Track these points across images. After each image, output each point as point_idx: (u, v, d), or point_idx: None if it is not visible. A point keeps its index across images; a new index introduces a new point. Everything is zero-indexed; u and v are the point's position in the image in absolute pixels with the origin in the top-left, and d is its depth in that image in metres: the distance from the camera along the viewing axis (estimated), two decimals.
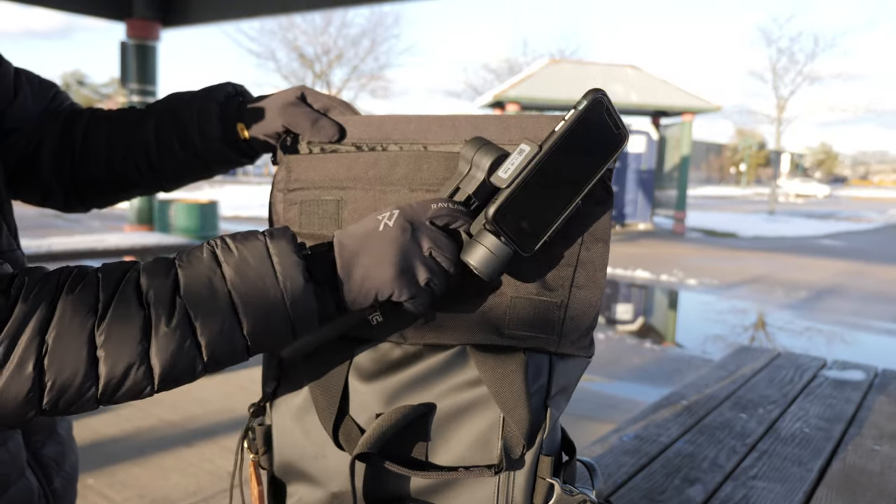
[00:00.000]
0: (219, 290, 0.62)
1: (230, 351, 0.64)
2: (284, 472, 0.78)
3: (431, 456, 0.72)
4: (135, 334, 0.61)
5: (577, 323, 0.71)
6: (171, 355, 0.62)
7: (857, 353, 6.49)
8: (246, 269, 0.63)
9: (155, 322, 0.61)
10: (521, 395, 0.68)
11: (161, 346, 0.61)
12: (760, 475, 1.44)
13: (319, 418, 0.73)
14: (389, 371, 0.72)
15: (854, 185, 75.79)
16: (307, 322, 0.64)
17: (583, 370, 0.76)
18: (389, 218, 0.66)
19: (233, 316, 0.62)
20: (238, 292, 0.62)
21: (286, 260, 0.63)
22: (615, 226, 17.80)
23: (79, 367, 0.60)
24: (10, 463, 0.83)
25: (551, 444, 0.75)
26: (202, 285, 0.62)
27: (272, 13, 7.36)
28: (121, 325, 0.61)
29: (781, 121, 33.19)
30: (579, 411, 4.30)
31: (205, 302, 0.62)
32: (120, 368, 0.61)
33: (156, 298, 0.61)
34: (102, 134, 0.93)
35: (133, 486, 3.12)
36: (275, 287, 0.63)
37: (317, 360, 0.73)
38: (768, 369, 2.20)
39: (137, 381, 0.61)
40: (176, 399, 4.26)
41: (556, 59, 19.04)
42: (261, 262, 0.63)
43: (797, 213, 27.34)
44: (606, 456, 1.50)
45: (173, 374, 0.63)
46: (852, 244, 16.21)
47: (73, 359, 0.60)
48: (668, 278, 10.40)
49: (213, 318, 0.62)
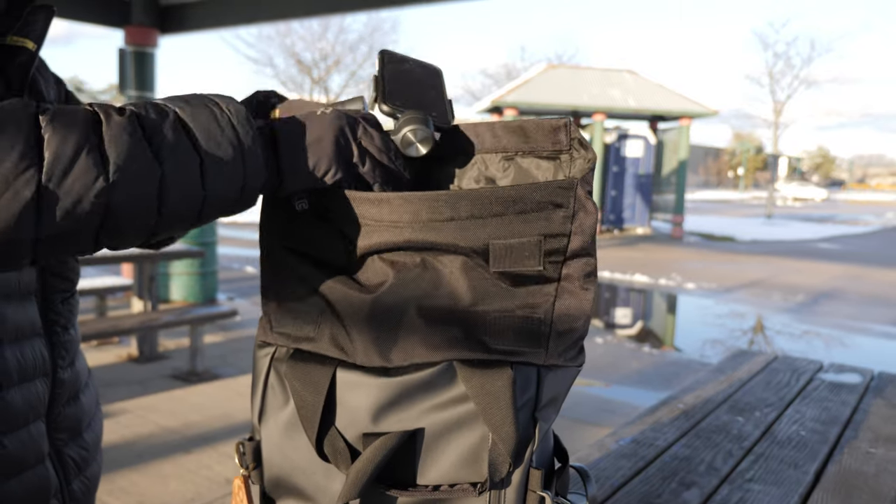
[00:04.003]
0: (166, 112, 0.62)
1: (185, 164, 0.61)
2: (274, 488, 0.77)
3: (420, 473, 0.70)
4: (83, 122, 0.58)
5: (563, 335, 0.70)
6: (125, 144, 0.58)
7: (855, 357, 6.50)
8: (189, 100, 0.65)
9: (105, 116, 0.59)
10: (508, 414, 0.66)
11: (114, 133, 0.58)
12: (757, 478, 1.44)
13: (305, 431, 0.71)
14: (376, 386, 0.70)
15: (851, 189, 75.81)
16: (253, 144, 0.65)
17: (573, 380, 0.75)
18: (326, 109, 0.72)
19: (183, 129, 0.62)
20: (184, 112, 0.63)
21: (224, 98, 0.67)
22: (613, 230, 17.82)
23: (17, 140, 0.54)
24: (30, 446, 0.86)
25: (543, 455, 0.74)
26: (150, 108, 0.62)
27: (270, 19, 7.37)
28: (67, 112, 0.58)
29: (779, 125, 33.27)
30: (577, 415, 4.31)
31: (154, 116, 0.61)
32: (69, 147, 0.56)
33: (101, 105, 0.60)
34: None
35: (132, 493, 3.12)
36: (218, 109, 0.65)
37: (302, 373, 0.72)
38: (765, 373, 2.21)
39: (88, 165, 0.56)
40: (174, 406, 4.26)
41: (553, 64, 19.07)
42: (201, 100, 0.65)
43: (795, 217, 27.37)
44: (603, 460, 1.51)
45: (128, 171, 0.57)
46: (850, 247, 16.23)
47: (13, 128, 0.54)
48: (666, 282, 10.41)
49: (163, 128, 0.61)
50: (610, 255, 13.40)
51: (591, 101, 16.56)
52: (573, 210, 0.68)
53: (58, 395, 0.92)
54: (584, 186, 0.70)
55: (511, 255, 0.67)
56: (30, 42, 0.87)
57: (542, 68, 18.34)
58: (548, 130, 0.74)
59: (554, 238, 0.68)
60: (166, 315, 4.84)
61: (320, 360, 0.72)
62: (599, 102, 16.55)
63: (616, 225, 17.87)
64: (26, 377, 0.86)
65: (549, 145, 0.74)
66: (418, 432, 0.70)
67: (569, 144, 0.73)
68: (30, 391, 0.87)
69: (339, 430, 0.71)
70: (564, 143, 0.73)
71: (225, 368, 5.10)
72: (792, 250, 15.10)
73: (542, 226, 0.68)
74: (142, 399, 4.38)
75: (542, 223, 0.68)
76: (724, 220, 24.53)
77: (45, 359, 0.90)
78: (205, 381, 4.78)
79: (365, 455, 0.68)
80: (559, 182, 0.68)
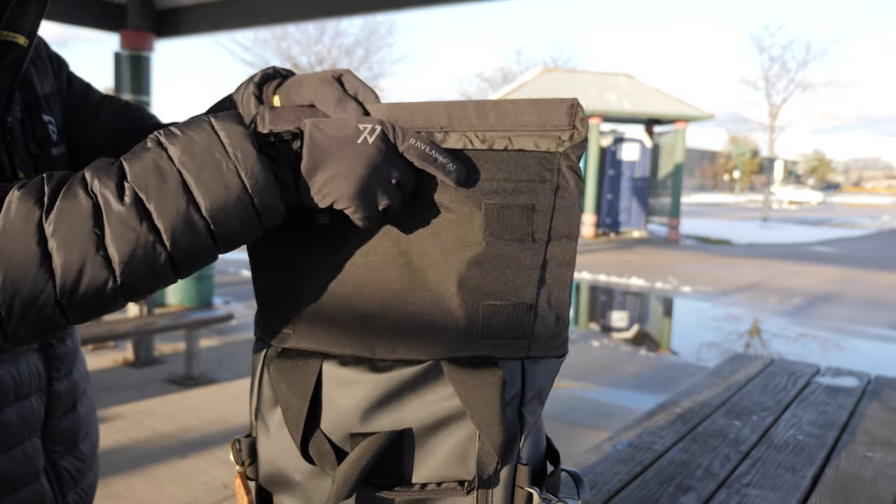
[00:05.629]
0: (167, 171, 0.59)
1: (191, 234, 0.60)
2: (270, 483, 0.77)
3: (409, 471, 0.70)
4: (86, 219, 0.57)
5: (546, 323, 0.70)
6: (128, 239, 0.58)
7: (851, 360, 6.51)
8: (192, 146, 0.60)
9: (105, 206, 0.58)
10: (496, 413, 0.66)
11: (115, 229, 0.58)
12: (754, 483, 1.44)
13: (290, 434, 0.71)
14: (363, 384, 0.69)
15: (847, 192, 76.04)
16: (268, 198, 0.61)
17: (556, 372, 0.74)
18: (371, 133, 0.63)
19: (186, 195, 0.59)
20: (187, 169, 0.59)
21: (233, 132, 0.61)
22: (609, 234, 17.83)
23: (29, 261, 0.57)
24: (25, 464, 0.84)
25: (533, 453, 0.74)
26: (149, 168, 0.59)
27: (266, 23, 7.38)
28: (69, 211, 0.58)
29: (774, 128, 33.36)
30: (573, 419, 4.30)
31: (154, 184, 0.59)
32: (75, 258, 0.57)
33: (102, 185, 0.59)
34: None
35: (128, 498, 3.11)
36: (225, 158, 0.60)
37: (288, 374, 0.71)
38: (762, 376, 2.21)
39: (96, 271, 0.58)
40: (170, 410, 4.25)
41: (549, 68, 19.12)
42: (207, 138, 0.60)
43: (791, 220, 27.43)
44: (600, 464, 1.51)
45: (134, 262, 0.59)
46: (846, 251, 16.27)
47: (22, 249, 0.56)
48: (662, 285, 10.42)
49: (166, 198, 0.59)
50: (606, 258, 13.41)
51: (587, 105, 16.57)
52: (556, 184, 0.68)
53: (53, 409, 0.90)
54: (567, 161, 0.68)
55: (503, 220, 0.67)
56: (21, 37, 0.82)
57: (538, 72, 18.38)
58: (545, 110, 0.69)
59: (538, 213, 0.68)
60: (162, 319, 4.83)
61: (305, 358, 0.71)
62: (595, 106, 16.58)
63: (612, 228, 17.89)
64: (21, 394, 0.84)
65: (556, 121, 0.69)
66: (405, 431, 0.69)
67: (571, 123, 0.70)
68: (24, 408, 0.84)
69: (324, 431, 0.71)
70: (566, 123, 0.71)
71: (221, 372, 5.09)
72: (788, 253, 15.13)
73: (528, 197, 0.68)
74: (138, 403, 4.37)
75: (528, 194, 0.68)
76: (720, 223, 24.58)
77: (40, 373, 0.87)
78: (201, 386, 4.77)
79: (351, 457, 0.68)
80: (542, 154, 0.68)
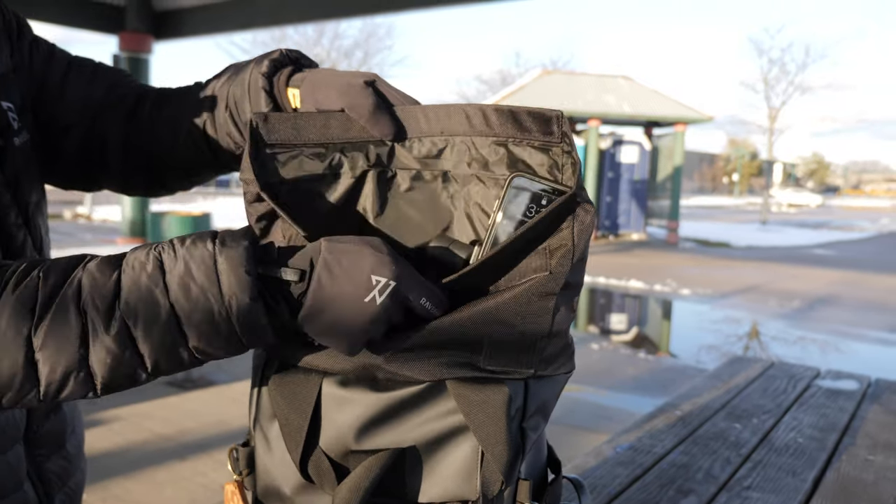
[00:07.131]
0: (160, 304, 0.59)
1: (174, 362, 0.62)
2: (267, 495, 0.75)
3: (409, 491, 0.68)
4: (73, 340, 0.59)
5: (556, 348, 0.69)
6: (109, 365, 0.60)
7: (851, 363, 6.51)
8: (190, 283, 0.59)
9: (92, 331, 0.59)
10: (502, 433, 0.65)
11: (99, 355, 0.60)
12: (755, 486, 1.43)
13: (289, 452, 0.69)
14: (363, 402, 0.67)
15: (846, 195, 76.06)
16: (258, 337, 0.62)
17: (562, 387, 0.73)
18: (382, 290, 0.59)
19: (176, 330, 0.60)
20: (180, 307, 0.59)
21: (234, 274, 0.59)
22: (609, 236, 17.84)
23: (16, 370, 0.59)
24: (8, 474, 0.81)
25: (533, 465, 0.73)
26: (143, 297, 0.59)
27: (265, 25, 7.39)
28: (58, 330, 0.59)
29: (773, 131, 33.41)
30: (573, 422, 4.30)
31: (145, 315, 0.59)
32: (59, 374, 0.60)
33: (93, 307, 0.59)
34: (168, 115, 0.90)
35: (126, 501, 3.10)
36: (219, 304, 0.59)
37: (287, 390, 0.70)
38: (762, 379, 2.20)
39: (79, 385, 0.61)
40: (169, 413, 4.24)
41: (548, 70, 19.14)
42: (206, 276, 0.59)
43: (790, 223, 27.45)
44: (600, 467, 1.50)
45: (114, 381, 0.61)
46: (845, 253, 16.28)
47: (9, 361, 0.59)
48: (661, 288, 10.42)
49: (154, 331, 0.59)
50: (605, 260, 13.40)
51: (586, 107, 16.59)
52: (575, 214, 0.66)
53: (35, 411, 0.86)
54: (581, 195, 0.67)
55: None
56: None
57: (537, 74, 18.40)
58: (540, 121, 0.70)
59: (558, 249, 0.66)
60: None
61: (306, 374, 0.69)
62: (594, 108, 16.59)
63: (611, 231, 17.89)
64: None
65: (541, 136, 0.71)
66: (407, 450, 0.67)
67: (560, 137, 0.70)
68: (5, 415, 0.81)
69: (323, 449, 0.69)
70: (556, 135, 0.71)
71: (220, 375, 5.08)
72: (787, 256, 15.13)
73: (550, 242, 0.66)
74: (136, 406, 4.36)
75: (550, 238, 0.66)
76: (719, 225, 24.58)
77: None
78: (200, 388, 4.76)
79: (351, 479, 0.66)
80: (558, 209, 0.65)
